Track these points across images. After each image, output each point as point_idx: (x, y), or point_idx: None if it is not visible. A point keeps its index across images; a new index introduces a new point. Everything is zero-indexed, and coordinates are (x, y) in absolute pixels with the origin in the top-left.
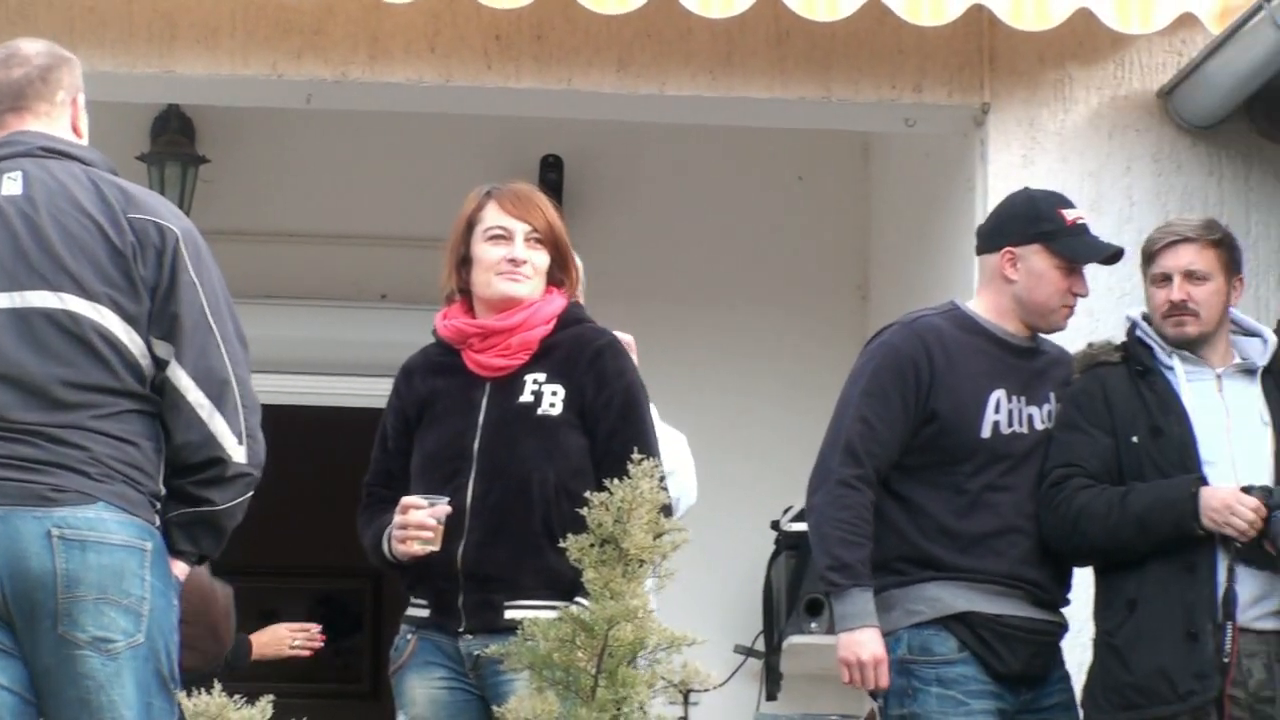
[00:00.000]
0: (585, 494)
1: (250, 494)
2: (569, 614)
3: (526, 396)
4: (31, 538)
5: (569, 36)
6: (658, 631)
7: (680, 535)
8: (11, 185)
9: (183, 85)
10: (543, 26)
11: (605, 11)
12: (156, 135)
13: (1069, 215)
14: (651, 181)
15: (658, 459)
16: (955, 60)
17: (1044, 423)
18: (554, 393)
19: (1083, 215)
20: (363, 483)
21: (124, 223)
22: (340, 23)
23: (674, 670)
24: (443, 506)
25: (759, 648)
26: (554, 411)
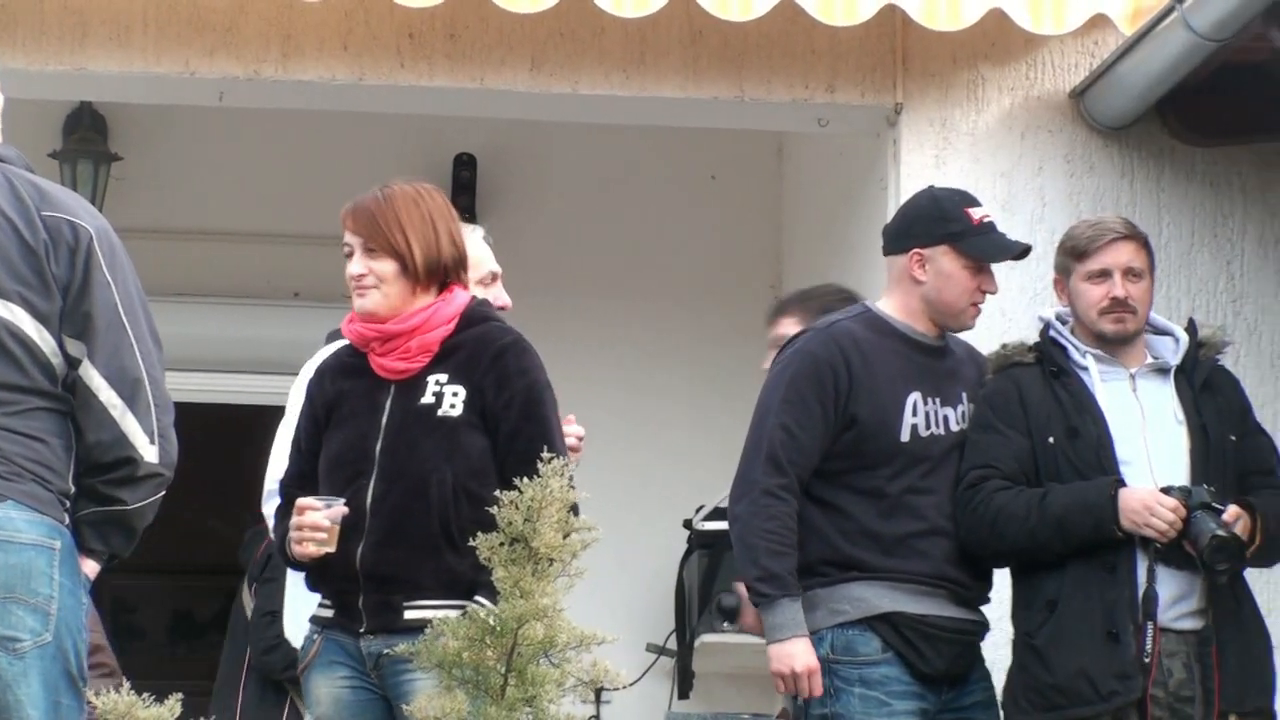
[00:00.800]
0: (486, 495)
1: (162, 494)
2: (476, 613)
3: (428, 398)
4: None
5: (482, 35)
6: (567, 630)
7: (590, 534)
8: None
9: (95, 83)
10: (456, 25)
11: (518, 10)
12: (69, 132)
13: (975, 214)
14: (565, 180)
15: (565, 457)
16: (868, 60)
17: (959, 424)
18: (455, 394)
19: (989, 213)
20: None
21: (37, 220)
22: (253, 21)
23: (584, 669)
24: (339, 508)
25: (671, 646)
26: (454, 412)
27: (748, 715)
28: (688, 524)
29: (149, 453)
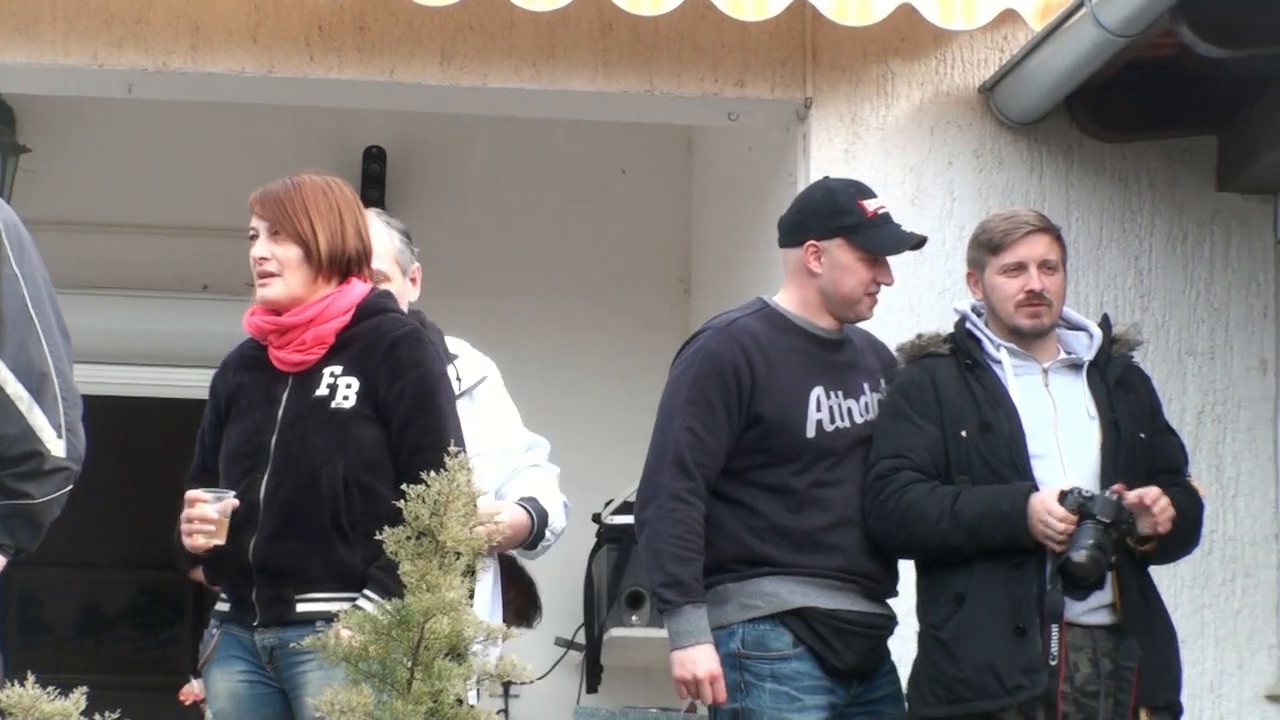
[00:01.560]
0: (379, 487)
1: (69, 488)
2: (381, 605)
3: (322, 390)
4: None
5: (392, 28)
6: (474, 624)
7: (497, 528)
8: None
9: (2, 74)
10: (365, 18)
11: (428, 3)
12: None
13: (870, 206)
14: (475, 173)
15: (459, 448)
16: (778, 55)
17: (863, 415)
18: (349, 385)
19: (883, 204)
20: (185, 476)
21: None
22: (161, 12)
23: (491, 663)
24: (229, 501)
25: (580, 640)
26: (347, 404)
27: (656, 709)
28: (596, 518)
29: (56, 446)
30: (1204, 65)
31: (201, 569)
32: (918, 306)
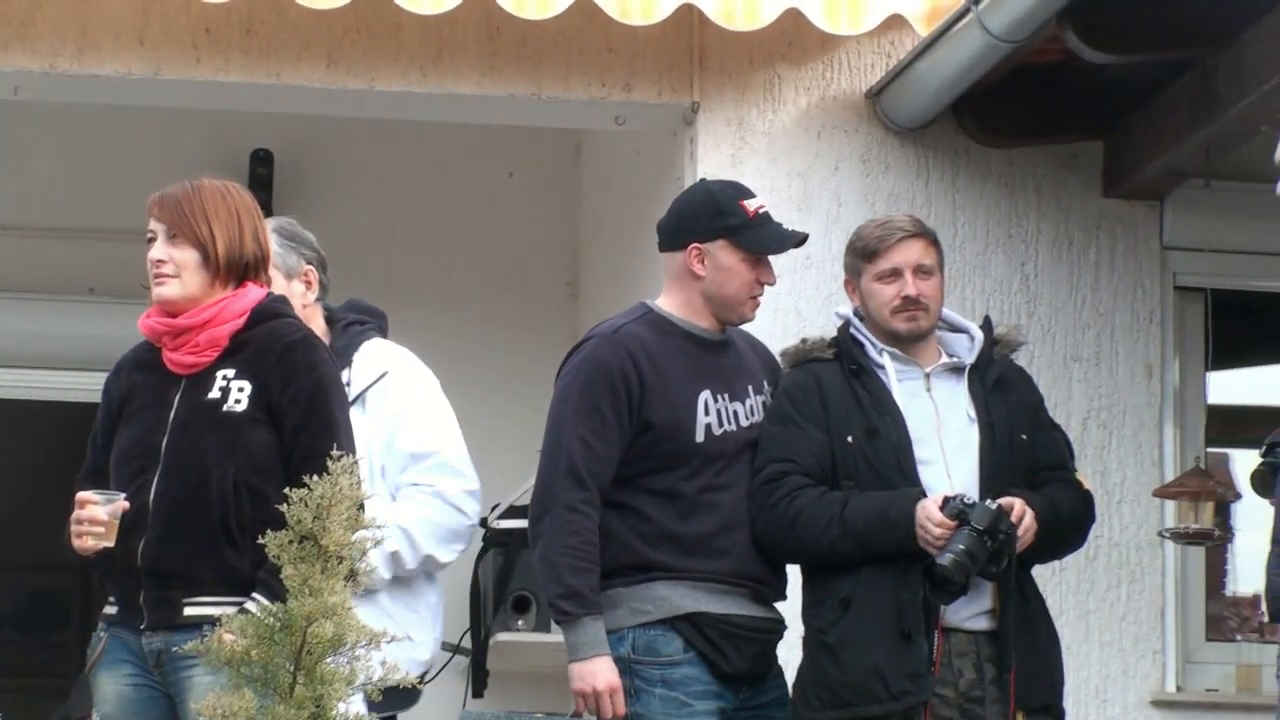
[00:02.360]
0: (269, 491)
1: None
2: (267, 609)
3: (215, 393)
4: None
5: (279, 31)
6: (357, 628)
7: (380, 532)
8: None
9: None
10: (252, 20)
11: (315, 6)
12: None
13: (750, 206)
14: (363, 177)
15: (351, 454)
16: (665, 59)
17: (749, 418)
18: (241, 389)
19: (764, 204)
20: (77, 478)
21: None
22: (48, 14)
23: (374, 667)
24: (119, 503)
25: (466, 645)
26: (239, 408)
27: (542, 714)
28: (483, 522)
29: None
30: (1090, 71)
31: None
32: (805, 311)
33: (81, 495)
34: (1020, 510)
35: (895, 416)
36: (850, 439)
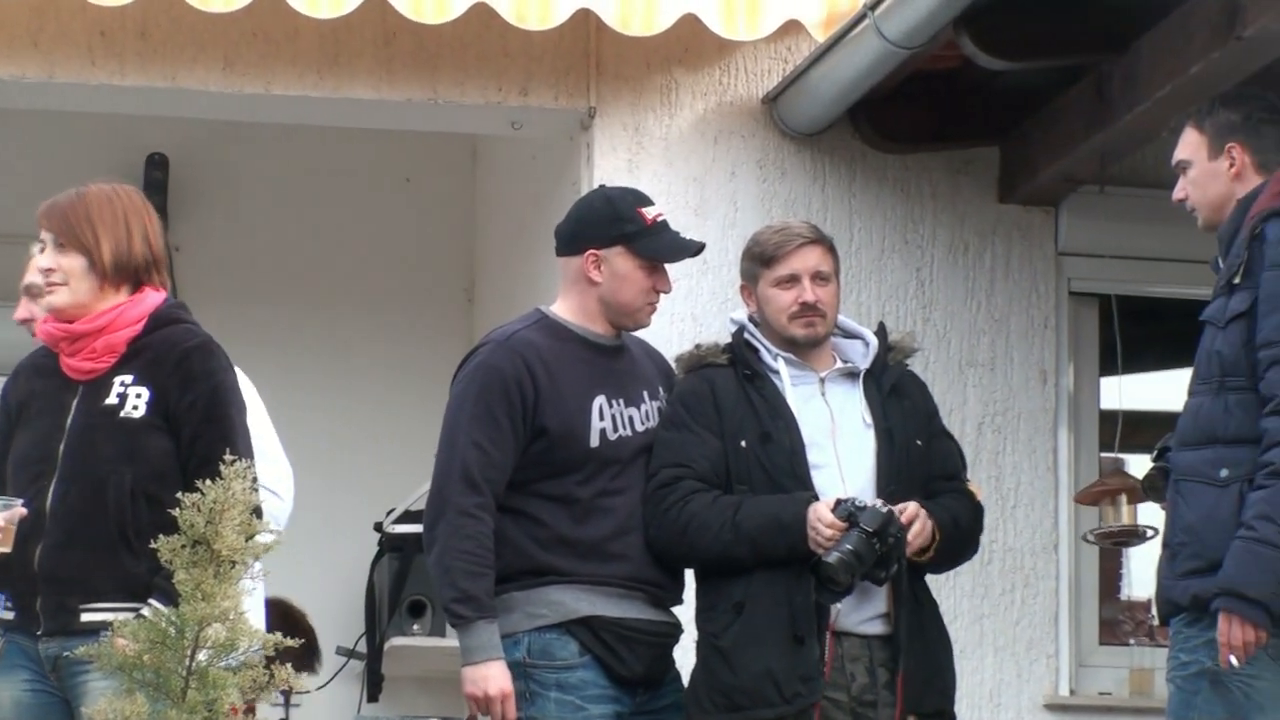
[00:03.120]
0: (167, 497)
1: None
2: (161, 614)
3: (112, 399)
4: None
5: (175, 34)
6: (250, 633)
7: (274, 538)
8: None
9: None
10: (148, 24)
11: (211, 10)
12: None
13: (648, 213)
14: (259, 181)
15: (249, 459)
16: (562, 64)
17: (644, 422)
18: (139, 395)
19: (661, 211)
20: None
21: None
22: None
23: (268, 672)
24: (17, 509)
25: (361, 649)
26: (136, 414)
27: (436, 718)
28: (378, 527)
29: None
30: (986, 77)
31: None
32: (700, 316)
33: None
34: (913, 513)
35: (789, 421)
36: (744, 444)
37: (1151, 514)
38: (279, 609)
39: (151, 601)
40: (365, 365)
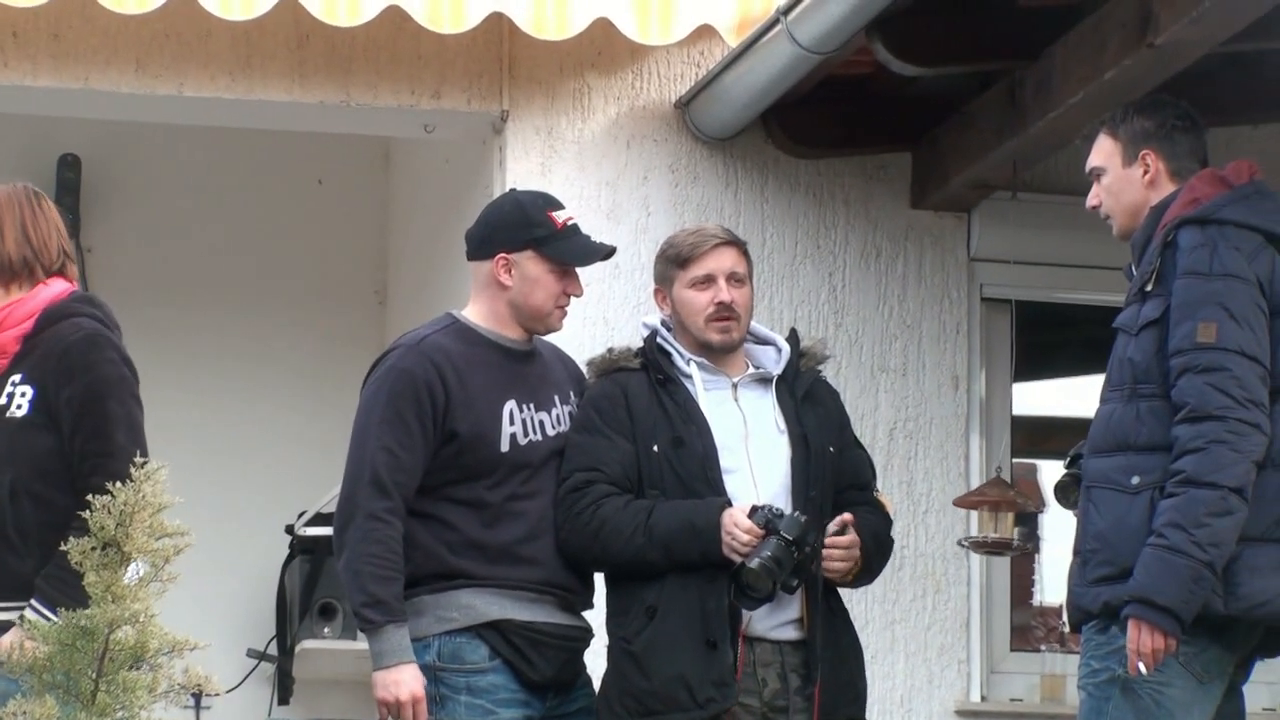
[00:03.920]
0: (54, 495)
1: None
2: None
3: (2, 399)
4: None
5: (87, 36)
6: (160, 635)
7: (184, 539)
8: None
9: None
10: (60, 25)
11: (124, 11)
12: None
13: (559, 217)
14: (171, 183)
15: (118, 456)
16: (475, 67)
17: (555, 427)
18: (24, 394)
19: (572, 215)
20: None
21: None
22: None
23: (178, 675)
24: None
25: (271, 652)
26: (20, 413)
27: None
28: (290, 529)
29: None
30: (898, 83)
31: None
32: (612, 320)
33: None
34: (847, 520)
35: (701, 426)
36: (656, 448)
37: (1031, 524)
38: None
39: (32, 602)
40: (277, 367)
